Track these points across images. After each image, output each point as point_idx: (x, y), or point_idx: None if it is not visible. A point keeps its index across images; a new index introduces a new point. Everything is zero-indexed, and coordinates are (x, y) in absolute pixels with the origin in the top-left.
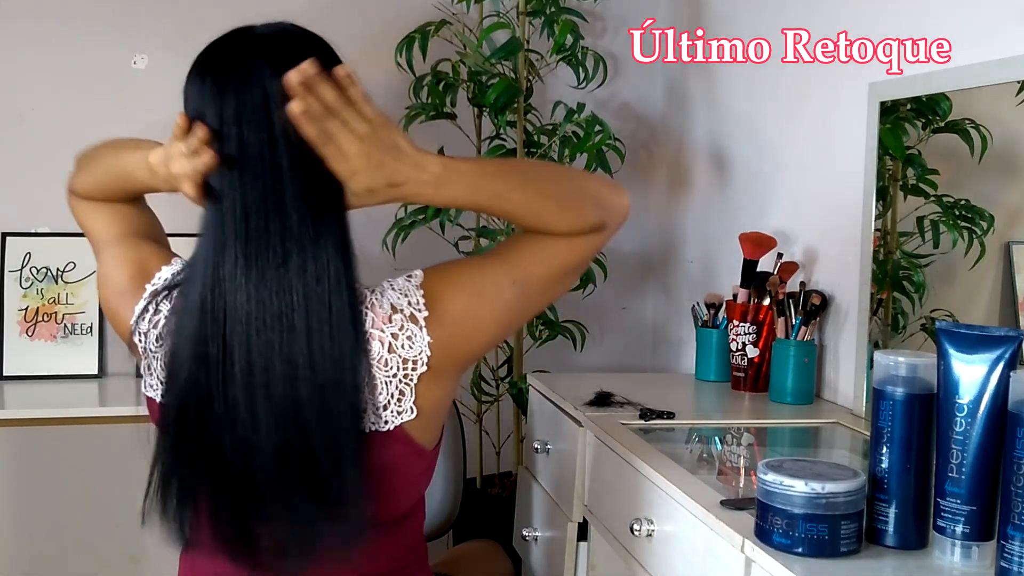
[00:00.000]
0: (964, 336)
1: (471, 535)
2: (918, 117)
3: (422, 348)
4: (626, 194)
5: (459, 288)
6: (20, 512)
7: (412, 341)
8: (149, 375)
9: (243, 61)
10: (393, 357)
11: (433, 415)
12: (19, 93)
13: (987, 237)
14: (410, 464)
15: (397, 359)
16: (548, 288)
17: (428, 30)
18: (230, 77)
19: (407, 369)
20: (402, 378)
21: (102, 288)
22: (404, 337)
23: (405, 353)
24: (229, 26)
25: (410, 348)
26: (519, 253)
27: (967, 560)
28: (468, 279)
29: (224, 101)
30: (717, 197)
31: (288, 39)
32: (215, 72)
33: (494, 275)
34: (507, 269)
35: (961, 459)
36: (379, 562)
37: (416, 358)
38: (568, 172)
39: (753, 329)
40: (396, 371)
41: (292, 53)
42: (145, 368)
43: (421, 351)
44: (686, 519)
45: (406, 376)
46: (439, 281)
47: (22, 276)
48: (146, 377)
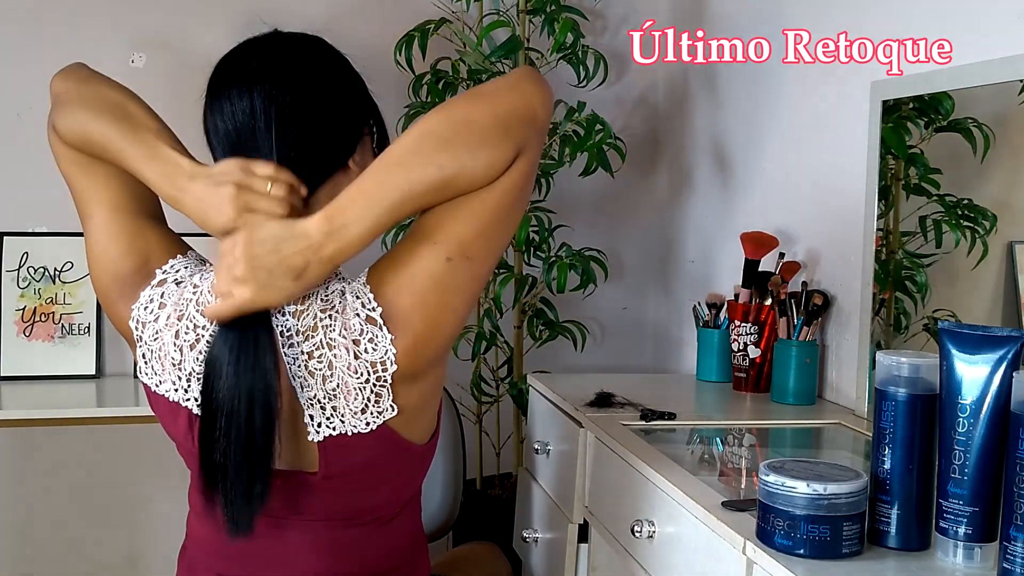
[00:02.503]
0: (967, 336)
1: (471, 536)
2: (920, 116)
3: (387, 348)
4: (531, 84)
5: (400, 289)
6: (17, 513)
7: (375, 343)
8: (145, 363)
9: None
10: (361, 363)
11: (419, 410)
12: (16, 92)
13: (990, 237)
14: (397, 459)
15: (365, 364)
16: (492, 240)
17: (428, 28)
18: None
19: (378, 372)
20: (375, 382)
21: (95, 262)
22: (366, 341)
23: (371, 356)
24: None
25: (375, 350)
26: (442, 226)
27: (970, 561)
28: (405, 279)
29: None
30: (718, 196)
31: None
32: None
33: (425, 264)
34: (435, 250)
35: (964, 460)
36: (378, 557)
37: (383, 360)
38: (449, 118)
39: (755, 329)
40: (368, 376)
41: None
42: (141, 356)
43: (387, 351)
44: (687, 520)
45: (378, 379)
46: (382, 281)
47: (19, 276)
48: (142, 364)
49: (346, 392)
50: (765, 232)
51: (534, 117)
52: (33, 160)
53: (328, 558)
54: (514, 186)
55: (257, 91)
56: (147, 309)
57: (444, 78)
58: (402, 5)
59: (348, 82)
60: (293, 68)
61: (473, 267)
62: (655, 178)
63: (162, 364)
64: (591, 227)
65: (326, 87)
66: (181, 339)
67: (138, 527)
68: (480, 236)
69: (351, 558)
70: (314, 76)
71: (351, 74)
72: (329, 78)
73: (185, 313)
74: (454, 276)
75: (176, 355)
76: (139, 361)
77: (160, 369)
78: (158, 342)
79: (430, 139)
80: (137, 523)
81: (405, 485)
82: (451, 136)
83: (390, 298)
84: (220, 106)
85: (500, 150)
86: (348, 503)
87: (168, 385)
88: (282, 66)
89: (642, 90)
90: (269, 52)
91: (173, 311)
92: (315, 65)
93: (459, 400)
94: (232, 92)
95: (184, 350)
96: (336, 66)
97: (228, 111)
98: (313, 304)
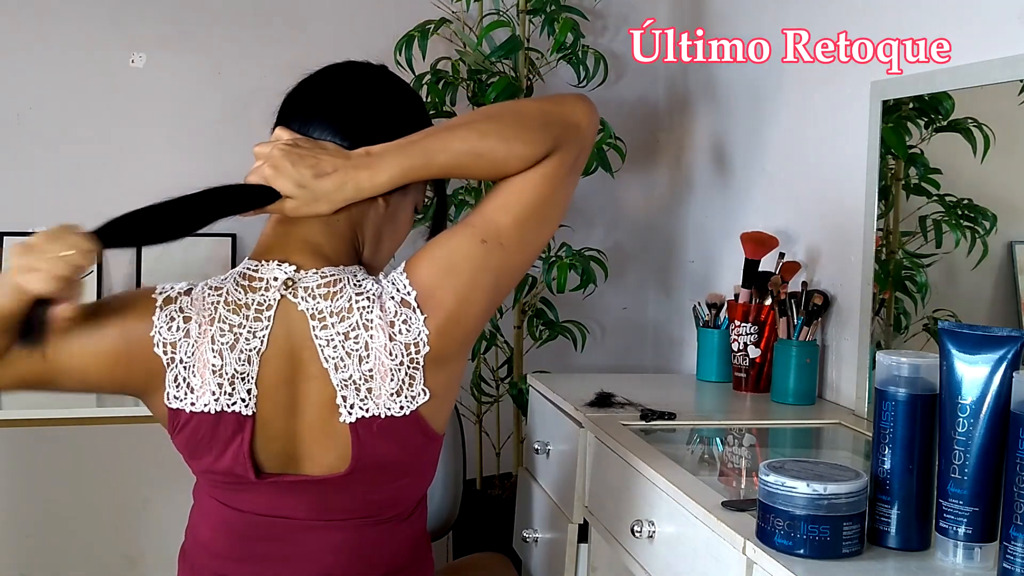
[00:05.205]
0: (967, 336)
1: (471, 537)
2: (920, 116)
3: (420, 330)
4: (581, 102)
5: (433, 268)
6: (18, 513)
7: (409, 324)
8: (177, 387)
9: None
10: (395, 344)
11: (445, 397)
12: (16, 92)
13: (990, 237)
14: (422, 449)
15: (400, 346)
16: (526, 234)
17: (428, 28)
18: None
19: (411, 353)
20: (408, 364)
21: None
22: (400, 322)
23: (405, 338)
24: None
25: (408, 332)
26: (480, 212)
27: (970, 561)
28: (440, 258)
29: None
30: (718, 196)
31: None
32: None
33: (460, 244)
34: (471, 232)
35: (964, 460)
36: (390, 556)
37: (416, 341)
38: (502, 105)
39: (755, 329)
40: (401, 358)
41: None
42: (172, 381)
43: (420, 332)
44: (687, 520)
45: (412, 361)
46: (417, 266)
47: None
48: (172, 391)
49: (382, 373)
50: (765, 232)
51: (576, 124)
52: (33, 160)
53: (344, 557)
54: (546, 179)
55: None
56: (171, 329)
57: (444, 78)
58: (402, 5)
59: (411, 119)
60: (362, 107)
61: (506, 255)
62: (655, 178)
63: (201, 377)
64: (591, 227)
65: (392, 124)
66: (218, 343)
67: (138, 527)
68: (514, 226)
69: (366, 557)
70: (382, 115)
71: (416, 112)
72: (395, 116)
73: (216, 316)
74: (486, 257)
75: (216, 360)
76: (168, 388)
77: (199, 384)
78: (195, 356)
79: (479, 114)
80: (137, 523)
81: (422, 478)
82: (497, 116)
83: (424, 279)
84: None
85: (535, 139)
86: (371, 499)
87: (208, 397)
88: (351, 103)
89: (642, 90)
90: (340, 87)
91: (204, 318)
92: (384, 105)
93: (459, 400)
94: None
95: (224, 353)
96: (403, 107)
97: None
98: (347, 287)
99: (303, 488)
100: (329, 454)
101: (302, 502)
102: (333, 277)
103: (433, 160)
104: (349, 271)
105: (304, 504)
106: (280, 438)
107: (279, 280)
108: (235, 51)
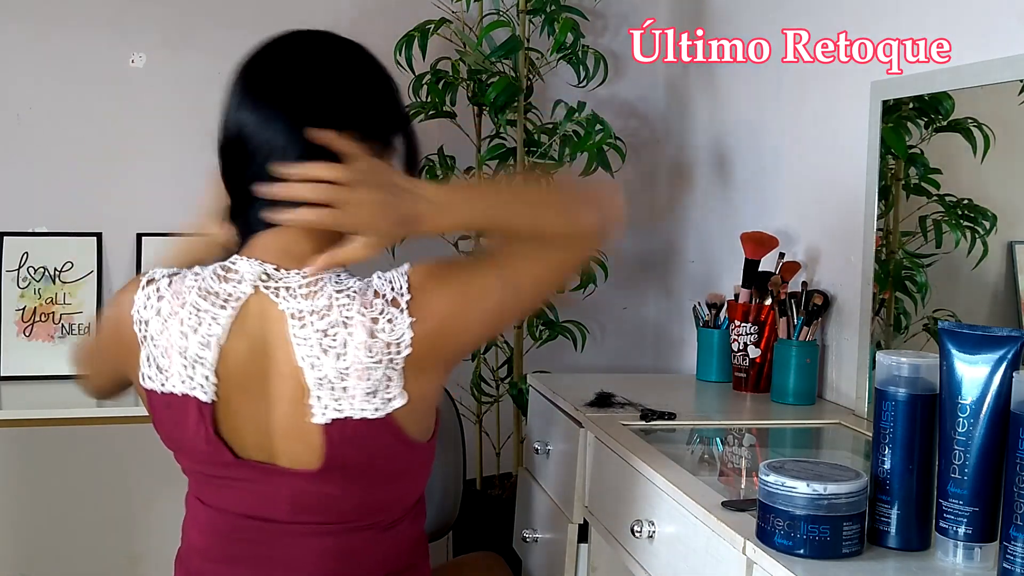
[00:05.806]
0: (967, 336)
1: (471, 537)
2: (920, 116)
3: (403, 331)
4: (618, 194)
5: (445, 285)
6: (17, 512)
7: (393, 324)
8: (150, 365)
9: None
10: (376, 342)
11: (422, 404)
12: (16, 92)
13: (990, 237)
14: (399, 455)
15: (380, 343)
16: (541, 288)
17: (428, 28)
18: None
19: (391, 353)
20: (387, 363)
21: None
22: (384, 320)
23: (387, 336)
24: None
25: (391, 331)
26: (512, 253)
27: (970, 561)
28: (455, 278)
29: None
30: (718, 196)
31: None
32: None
33: (482, 275)
34: (497, 269)
35: (964, 460)
36: (378, 563)
37: (399, 341)
38: (558, 182)
39: (755, 329)
40: (380, 356)
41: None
42: (145, 360)
43: (403, 334)
44: (687, 520)
45: (391, 361)
46: (427, 274)
47: (19, 276)
48: (145, 369)
49: (358, 371)
50: (765, 232)
51: (615, 216)
52: (33, 160)
53: (331, 562)
54: (577, 252)
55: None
56: (146, 307)
57: (444, 78)
58: (402, 5)
59: (377, 92)
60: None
61: (518, 297)
62: (655, 178)
63: (169, 359)
64: None
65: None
66: (185, 325)
67: (138, 527)
68: (535, 279)
69: (354, 564)
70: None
71: (382, 84)
72: (358, 87)
73: (187, 300)
74: (498, 289)
75: (182, 343)
76: (142, 367)
77: (167, 365)
78: (163, 336)
79: (552, 194)
80: (137, 523)
81: (408, 488)
82: (559, 188)
83: (432, 290)
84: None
85: (586, 215)
86: (350, 504)
87: (176, 379)
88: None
89: (642, 90)
90: (300, 56)
91: (174, 299)
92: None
93: (459, 400)
94: (258, 100)
95: (188, 335)
96: (364, 74)
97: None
98: (327, 286)
99: (278, 480)
100: (303, 451)
101: (280, 498)
102: (315, 276)
103: (497, 217)
104: (332, 271)
105: (282, 501)
106: (254, 432)
107: (254, 274)
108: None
